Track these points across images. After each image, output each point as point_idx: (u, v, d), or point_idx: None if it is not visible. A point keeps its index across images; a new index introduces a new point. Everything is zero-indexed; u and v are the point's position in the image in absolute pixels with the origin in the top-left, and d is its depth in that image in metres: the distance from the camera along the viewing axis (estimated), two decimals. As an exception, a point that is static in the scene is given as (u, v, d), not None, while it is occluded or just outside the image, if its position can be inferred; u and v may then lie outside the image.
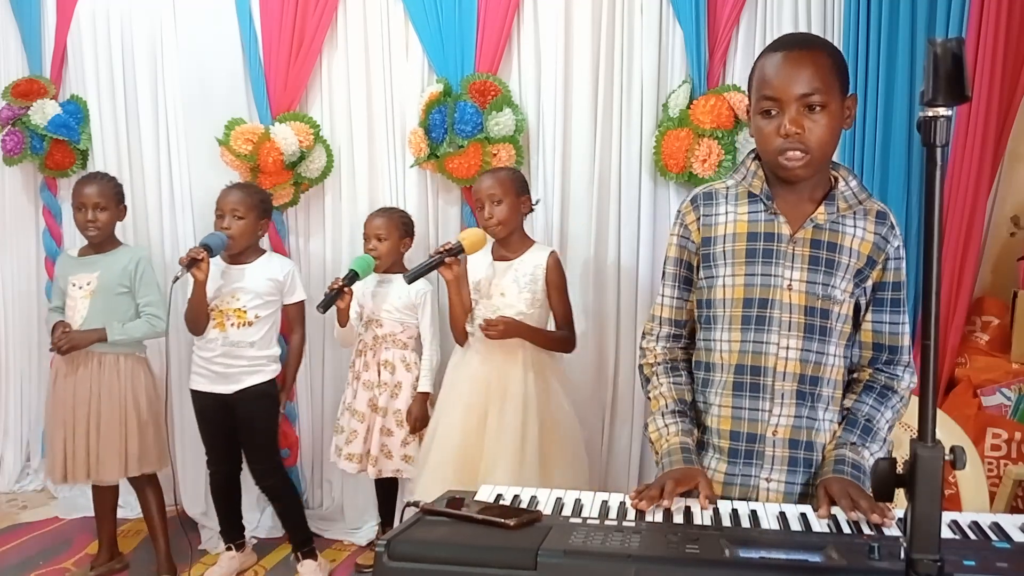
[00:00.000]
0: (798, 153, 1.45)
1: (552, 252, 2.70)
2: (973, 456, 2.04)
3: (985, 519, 1.30)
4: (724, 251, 1.56)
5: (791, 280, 1.51)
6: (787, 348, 1.51)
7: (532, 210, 2.76)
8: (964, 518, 1.30)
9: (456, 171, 3.07)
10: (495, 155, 3.03)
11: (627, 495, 1.39)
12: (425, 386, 2.93)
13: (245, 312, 2.90)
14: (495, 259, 2.70)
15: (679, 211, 1.65)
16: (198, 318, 2.87)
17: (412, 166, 3.20)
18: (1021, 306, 2.58)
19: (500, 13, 3.03)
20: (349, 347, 3.07)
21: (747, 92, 1.59)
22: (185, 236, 3.42)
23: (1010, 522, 1.29)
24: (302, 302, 3.04)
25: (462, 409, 2.63)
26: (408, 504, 1.35)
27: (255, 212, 2.90)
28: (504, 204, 2.61)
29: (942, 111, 0.91)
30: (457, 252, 2.56)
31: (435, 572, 1.13)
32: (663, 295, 1.69)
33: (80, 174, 3.60)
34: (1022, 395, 2.53)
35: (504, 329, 2.55)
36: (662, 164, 2.90)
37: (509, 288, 2.65)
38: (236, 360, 2.91)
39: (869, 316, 1.57)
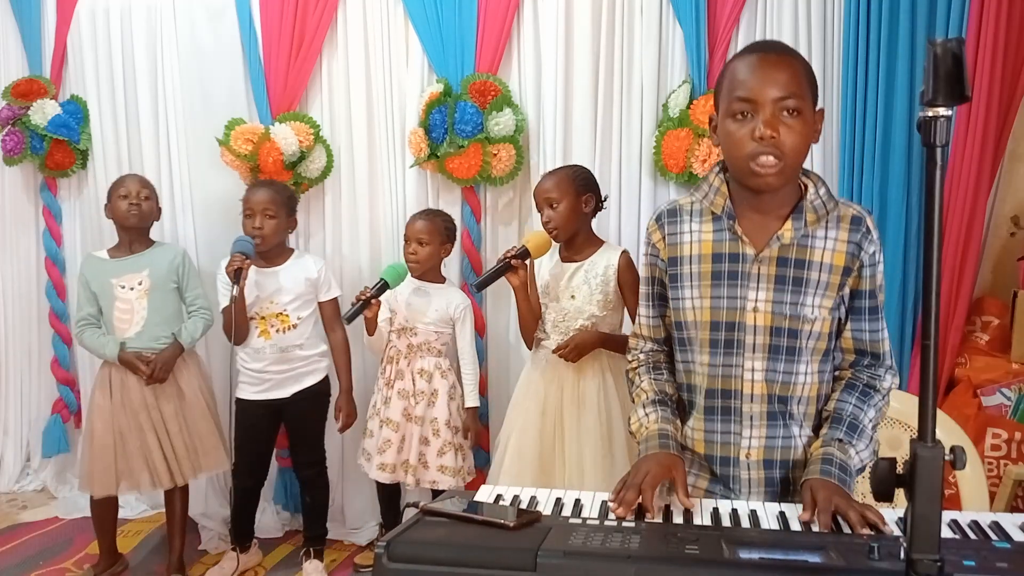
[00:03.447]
0: (771, 159, 1.37)
1: (624, 252, 2.59)
2: (973, 456, 2.03)
3: (985, 519, 1.30)
4: (690, 273, 1.53)
5: (756, 301, 1.48)
6: (752, 370, 1.49)
7: (601, 207, 2.66)
8: (964, 518, 1.30)
9: (456, 171, 3.07)
10: (495, 155, 3.03)
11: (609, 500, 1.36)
12: (472, 400, 2.91)
13: (287, 316, 2.89)
14: (563, 260, 2.62)
15: (647, 228, 1.62)
16: (240, 327, 2.81)
17: (412, 166, 3.20)
18: (1021, 306, 2.58)
19: (500, 13, 3.03)
20: (379, 354, 3.01)
21: (715, 100, 1.50)
22: (185, 236, 3.42)
23: (1010, 522, 1.29)
24: (336, 298, 3.01)
25: (537, 417, 2.57)
26: (408, 505, 1.34)
27: (285, 210, 2.89)
28: (562, 206, 2.51)
29: (942, 111, 0.91)
30: (523, 256, 2.50)
31: (434, 573, 1.13)
32: (640, 315, 1.68)
33: (81, 174, 3.64)
34: (1022, 395, 2.53)
35: (578, 349, 2.49)
36: (662, 164, 2.89)
37: (580, 290, 2.56)
38: (289, 364, 2.91)
39: (848, 325, 1.53)
